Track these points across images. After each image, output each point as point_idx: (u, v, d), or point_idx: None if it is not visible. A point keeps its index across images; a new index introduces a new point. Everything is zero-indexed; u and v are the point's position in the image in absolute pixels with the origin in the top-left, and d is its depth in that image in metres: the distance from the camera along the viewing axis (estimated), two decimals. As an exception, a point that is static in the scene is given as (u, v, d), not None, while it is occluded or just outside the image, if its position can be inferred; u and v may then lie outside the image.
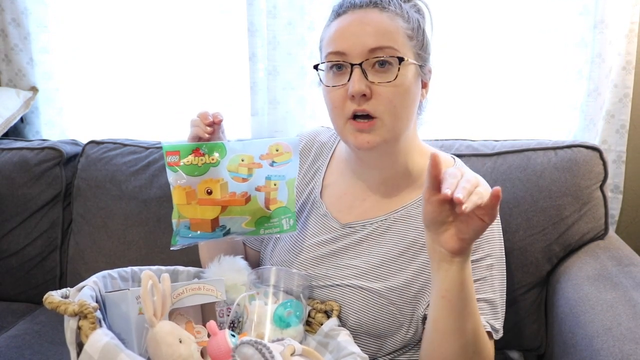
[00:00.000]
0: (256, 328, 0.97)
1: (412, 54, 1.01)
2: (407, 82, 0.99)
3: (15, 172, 1.73)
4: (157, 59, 1.93)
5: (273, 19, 1.73)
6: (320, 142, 1.24)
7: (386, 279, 1.05)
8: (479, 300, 0.99)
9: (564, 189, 1.35)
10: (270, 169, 1.01)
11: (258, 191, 1.00)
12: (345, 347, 0.94)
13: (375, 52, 0.98)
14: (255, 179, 1.00)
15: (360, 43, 0.98)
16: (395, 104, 0.99)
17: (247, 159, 0.99)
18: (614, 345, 0.94)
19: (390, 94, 0.98)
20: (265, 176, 1.01)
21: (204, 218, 0.98)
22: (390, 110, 0.99)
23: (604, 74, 1.57)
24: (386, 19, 1.00)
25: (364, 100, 0.98)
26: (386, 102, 0.98)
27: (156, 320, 0.82)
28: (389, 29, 0.99)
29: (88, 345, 0.75)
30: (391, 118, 0.99)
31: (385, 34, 0.98)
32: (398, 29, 0.99)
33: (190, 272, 1.08)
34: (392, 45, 0.98)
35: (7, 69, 1.98)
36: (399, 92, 0.99)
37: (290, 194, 1.03)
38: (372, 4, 1.01)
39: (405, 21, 1.01)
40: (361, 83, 0.97)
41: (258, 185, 1.01)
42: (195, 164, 0.97)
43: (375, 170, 1.11)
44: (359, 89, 0.97)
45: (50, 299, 0.83)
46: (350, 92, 0.98)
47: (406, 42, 1.00)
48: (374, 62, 0.98)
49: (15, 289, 1.72)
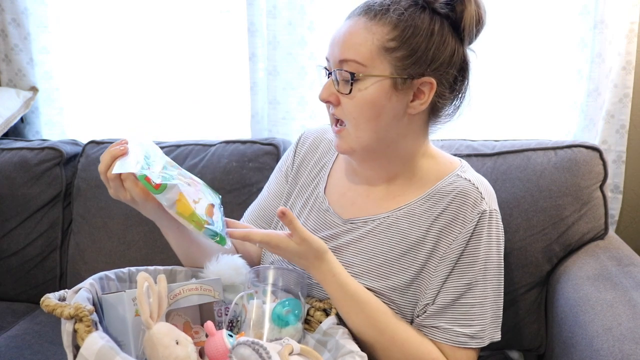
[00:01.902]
0: (255, 327, 0.97)
1: (387, 66, 0.97)
2: (366, 96, 0.98)
3: (15, 172, 1.73)
4: (157, 59, 1.93)
5: (273, 19, 1.73)
6: (327, 139, 1.24)
7: (387, 278, 1.05)
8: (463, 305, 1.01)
9: (564, 189, 1.35)
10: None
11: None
12: (343, 346, 0.94)
13: (342, 64, 0.99)
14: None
15: (335, 52, 1.01)
16: (354, 116, 1.00)
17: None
18: (614, 345, 0.94)
19: (348, 105, 1.00)
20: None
21: (209, 205, 1.01)
22: (350, 120, 1.01)
23: (604, 74, 1.57)
24: (363, 30, 0.98)
25: (333, 106, 1.03)
26: (346, 112, 1.01)
27: (153, 321, 0.82)
28: (357, 41, 0.98)
29: (84, 349, 0.76)
30: (354, 128, 1.02)
31: (351, 47, 0.98)
32: (372, 40, 0.97)
33: (187, 272, 1.08)
34: (355, 58, 0.97)
35: (7, 69, 1.98)
36: (357, 105, 0.99)
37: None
38: (364, 12, 1.00)
39: (389, 31, 0.97)
40: (327, 91, 1.02)
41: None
42: (162, 174, 0.96)
43: (370, 171, 1.12)
44: (323, 96, 1.03)
45: (47, 301, 0.83)
46: (318, 96, 1.04)
47: (379, 55, 0.97)
48: (340, 74, 1.00)
49: (15, 289, 1.72)
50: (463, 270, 1.02)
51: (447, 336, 1.01)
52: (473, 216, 1.02)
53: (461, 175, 1.08)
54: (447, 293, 1.02)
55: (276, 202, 1.24)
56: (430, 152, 1.12)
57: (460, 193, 1.04)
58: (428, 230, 1.05)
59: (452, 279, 1.02)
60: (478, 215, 1.02)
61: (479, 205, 1.03)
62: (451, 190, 1.05)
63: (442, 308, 1.02)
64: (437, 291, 1.02)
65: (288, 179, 1.25)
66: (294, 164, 1.25)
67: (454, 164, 1.12)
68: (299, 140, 1.28)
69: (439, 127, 1.10)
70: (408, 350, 1.00)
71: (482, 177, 1.11)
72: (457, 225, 1.03)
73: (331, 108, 1.04)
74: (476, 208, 1.02)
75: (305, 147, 1.25)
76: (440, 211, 1.04)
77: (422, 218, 1.06)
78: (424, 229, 1.05)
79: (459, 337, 1.00)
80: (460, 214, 1.03)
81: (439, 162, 1.11)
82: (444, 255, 1.03)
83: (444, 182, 1.07)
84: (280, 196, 1.25)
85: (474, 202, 1.03)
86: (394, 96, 0.99)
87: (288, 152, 1.29)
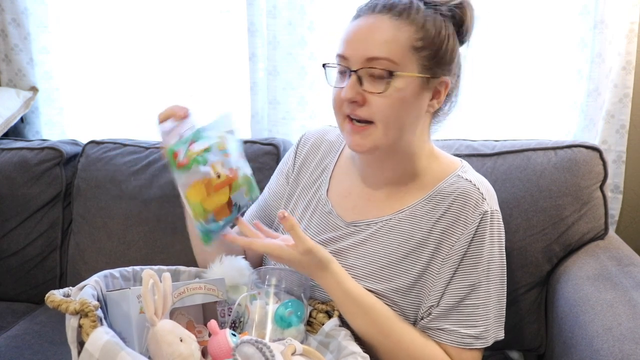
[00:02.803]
0: (257, 328, 0.97)
1: (415, 66, 0.99)
2: (400, 94, 0.98)
3: (15, 172, 1.72)
4: (157, 59, 1.93)
5: (273, 19, 1.73)
6: (329, 140, 1.24)
7: (390, 280, 1.05)
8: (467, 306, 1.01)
9: (564, 189, 1.35)
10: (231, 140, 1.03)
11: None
12: (346, 347, 0.94)
13: (372, 62, 0.98)
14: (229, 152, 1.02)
15: (361, 50, 0.98)
16: (386, 114, 0.99)
17: (220, 138, 1.00)
18: (614, 345, 0.94)
19: (380, 104, 0.98)
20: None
21: (222, 203, 0.98)
22: (383, 119, 0.99)
23: (604, 74, 1.57)
24: (392, 28, 0.98)
25: (357, 106, 1.00)
26: (377, 111, 0.99)
27: (157, 319, 0.82)
28: (390, 40, 0.97)
29: (89, 344, 0.76)
30: (384, 126, 1.00)
31: (384, 44, 0.97)
32: (401, 39, 0.97)
33: (191, 272, 1.08)
34: (388, 56, 0.97)
35: (7, 69, 1.97)
36: (390, 104, 0.98)
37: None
38: (386, 10, 0.99)
39: (417, 31, 0.98)
40: (352, 90, 0.99)
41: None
42: (198, 154, 0.96)
43: (378, 171, 1.11)
44: (348, 96, 0.99)
45: (52, 297, 0.83)
46: (342, 97, 1.00)
47: (409, 54, 0.98)
48: (369, 71, 0.98)
49: (15, 289, 1.72)
50: (466, 271, 1.02)
51: (452, 338, 1.01)
52: (475, 217, 1.02)
53: (462, 175, 1.08)
54: (451, 295, 1.02)
55: (277, 203, 1.24)
56: (433, 152, 1.12)
57: (461, 194, 1.04)
58: (430, 232, 1.05)
59: (455, 281, 1.02)
60: (479, 216, 1.02)
61: (480, 206, 1.03)
62: (452, 191, 1.05)
63: (447, 310, 1.02)
64: (441, 293, 1.03)
65: (289, 180, 1.25)
66: (295, 165, 1.25)
67: (455, 164, 1.12)
68: (299, 141, 1.28)
69: (436, 128, 1.12)
70: (414, 353, 1.00)
71: (483, 177, 1.11)
72: (459, 227, 1.03)
73: (349, 107, 1.01)
74: (477, 209, 1.03)
75: (306, 148, 1.25)
76: (442, 213, 1.05)
77: (424, 220, 1.06)
78: (426, 230, 1.05)
79: (464, 338, 1.01)
80: (462, 215, 1.03)
81: (440, 163, 1.12)
82: (447, 256, 1.03)
83: (445, 183, 1.07)
84: (281, 197, 1.25)
85: (476, 203, 1.03)
86: (420, 95, 1.01)
87: (289, 153, 1.29)
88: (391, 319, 1.02)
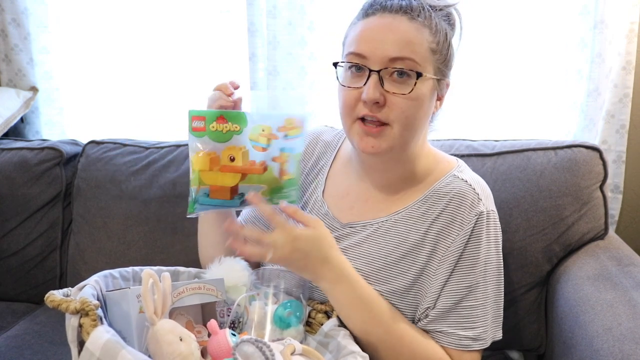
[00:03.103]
0: (256, 328, 0.97)
1: (432, 68, 1.00)
2: (422, 96, 0.99)
3: (15, 172, 1.72)
4: (157, 59, 1.93)
5: (273, 19, 1.73)
6: (324, 141, 1.24)
7: (387, 281, 1.05)
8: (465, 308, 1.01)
9: (564, 189, 1.35)
10: (284, 141, 1.02)
11: (274, 161, 1.02)
12: (345, 346, 0.94)
13: (396, 62, 0.96)
14: (272, 149, 1.01)
15: (382, 50, 0.97)
16: (407, 115, 0.98)
17: (267, 129, 1.00)
18: (614, 345, 0.94)
19: (403, 105, 0.97)
20: (280, 148, 1.02)
21: (224, 185, 0.99)
22: (402, 120, 0.98)
23: (604, 74, 1.57)
24: (413, 29, 0.97)
25: (377, 107, 0.98)
26: (398, 112, 0.98)
27: (157, 318, 0.82)
28: (414, 41, 0.97)
29: (89, 343, 0.76)
30: (401, 128, 0.99)
31: (408, 45, 0.97)
32: (423, 41, 0.98)
33: (191, 273, 1.08)
34: (413, 57, 0.97)
35: (7, 69, 1.97)
36: (413, 105, 0.98)
37: (297, 167, 1.05)
38: (402, 11, 0.98)
39: (432, 34, 0.99)
40: (376, 91, 0.96)
41: (274, 155, 1.02)
42: (220, 131, 0.97)
43: (379, 173, 1.11)
44: (373, 97, 0.96)
45: (52, 297, 0.84)
46: (364, 97, 0.98)
47: (428, 56, 0.99)
48: (392, 72, 0.97)
49: (15, 289, 1.72)
50: (463, 273, 1.02)
51: (450, 340, 1.01)
52: (470, 218, 1.02)
53: (458, 175, 1.08)
54: (448, 296, 1.02)
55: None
56: (430, 152, 1.12)
57: (457, 195, 1.04)
58: (426, 233, 1.05)
59: (452, 282, 1.02)
60: (475, 217, 1.02)
61: (476, 206, 1.03)
62: (448, 191, 1.05)
63: (444, 312, 1.02)
64: (438, 294, 1.02)
65: None
66: None
67: (451, 163, 1.12)
68: None
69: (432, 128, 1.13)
70: (417, 349, 1.00)
71: (479, 177, 1.11)
72: (455, 228, 1.03)
73: (365, 108, 0.99)
74: (473, 210, 1.03)
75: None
76: (438, 213, 1.05)
77: (420, 221, 1.06)
78: (422, 231, 1.05)
79: (462, 340, 1.01)
80: (457, 216, 1.03)
81: (436, 162, 1.12)
82: (443, 257, 1.03)
83: (441, 183, 1.07)
84: None
85: (471, 203, 1.03)
86: (433, 97, 1.03)
87: None
88: (392, 314, 1.02)
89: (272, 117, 1.01)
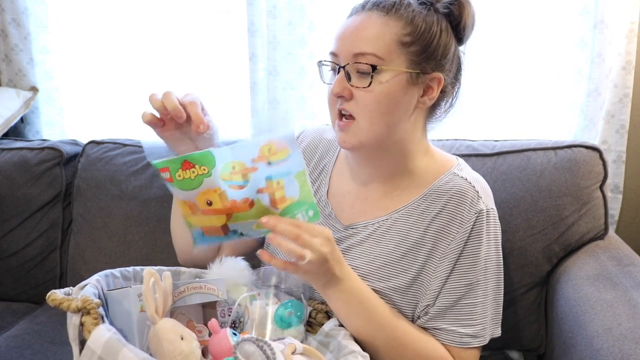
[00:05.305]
0: (257, 328, 0.97)
1: (403, 61, 0.99)
2: (385, 88, 0.99)
3: (15, 172, 1.72)
4: (157, 59, 1.93)
5: (273, 19, 1.73)
6: (327, 140, 1.24)
7: (389, 279, 1.05)
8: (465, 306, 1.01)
9: (564, 189, 1.35)
10: (268, 169, 0.93)
11: (260, 193, 0.93)
12: (346, 346, 0.94)
13: (358, 57, 0.99)
14: (254, 182, 0.93)
15: (348, 46, 1.00)
16: (370, 109, 1.00)
17: (238, 165, 0.92)
18: (614, 345, 0.94)
19: (365, 99, 0.99)
20: (265, 177, 0.93)
21: (213, 225, 0.93)
22: (366, 114, 1.00)
23: (604, 74, 1.57)
24: (380, 24, 0.99)
25: (344, 100, 1.01)
26: (362, 106, 1.00)
27: (158, 317, 0.82)
28: (376, 35, 0.98)
29: (91, 341, 0.76)
30: (366, 122, 1.01)
31: (368, 40, 0.98)
32: (387, 35, 0.98)
33: (192, 273, 1.08)
34: (374, 52, 0.98)
35: (7, 69, 1.97)
36: (375, 99, 0.99)
37: (302, 186, 0.95)
38: (375, 6, 1.01)
39: (405, 26, 0.99)
40: (340, 85, 1.00)
41: (259, 187, 0.93)
42: (189, 178, 0.91)
43: (370, 170, 1.11)
44: (336, 91, 1.00)
45: (54, 296, 0.83)
46: (330, 91, 1.02)
47: (396, 49, 0.98)
48: (355, 67, 1.00)
49: (15, 289, 1.72)
50: (463, 270, 1.02)
51: (450, 337, 1.01)
52: (470, 216, 1.02)
53: (457, 173, 1.08)
54: (448, 294, 1.02)
55: None
56: (429, 150, 1.12)
57: (457, 193, 1.04)
58: (426, 231, 1.05)
59: (452, 280, 1.02)
60: (475, 214, 1.02)
61: (476, 204, 1.03)
62: (448, 189, 1.05)
63: (444, 309, 1.02)
64: (438, 292, 1.03)
65: None
66: None
67: (451, 162, 1.12)
68: (297, 138, 1.27)
69: (433, 126, 1.12)
70: (419, 348, 1.00)
71: (479, 175, 1.11)
72: (455, 226, 1.03)
73: (339, 103, 1.02)
74: (473, 207, 1.03)
75: (302, 145, 1.25)
76: (438, 211, 1.05)
77: (420, 219, 1.06)
78: (422, 229, 1.05)
79: (462, 337, 1.01)
80: (457, 214, 1.03)
81: (436, 160, 1.12)
82: (443, 255, 1.03)
83: (441, 181, 1.07)
84: None
85: (471, 201, 1.03)
86: (408, 90, 1.01)
87: None
88: (394, 314, 1.02)
89: (244, 148, 0.92)
